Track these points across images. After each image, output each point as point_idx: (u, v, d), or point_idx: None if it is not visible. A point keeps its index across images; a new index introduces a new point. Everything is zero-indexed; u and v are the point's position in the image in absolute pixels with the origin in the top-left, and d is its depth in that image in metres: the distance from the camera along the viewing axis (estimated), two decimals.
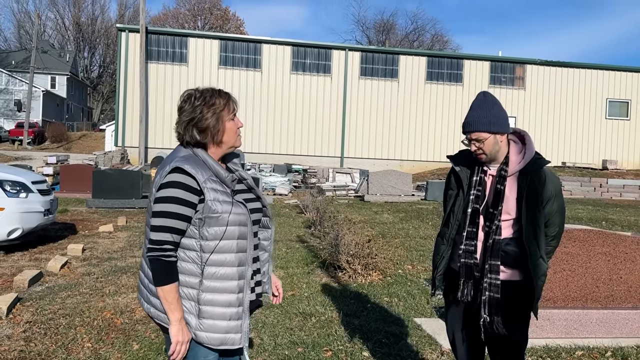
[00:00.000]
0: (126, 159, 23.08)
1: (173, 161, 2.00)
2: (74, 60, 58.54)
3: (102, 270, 6.46)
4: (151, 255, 1.97)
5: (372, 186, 16.59)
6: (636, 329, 4.47)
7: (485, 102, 2.50)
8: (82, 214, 11.62)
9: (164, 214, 1.96)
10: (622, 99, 27.02)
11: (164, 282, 1.95)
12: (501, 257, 2.44)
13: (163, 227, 1.95)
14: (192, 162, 1.99)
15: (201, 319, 2.01)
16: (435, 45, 59.90)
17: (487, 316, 2.45)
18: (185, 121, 2.04)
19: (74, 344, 4.05)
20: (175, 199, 1.95)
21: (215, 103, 2.05)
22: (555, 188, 2.47)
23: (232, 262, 2.03)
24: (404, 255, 7.77)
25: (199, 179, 1.97)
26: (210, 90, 2.08)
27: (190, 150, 2.07)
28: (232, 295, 2.03)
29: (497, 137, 2.46)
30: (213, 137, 2.05)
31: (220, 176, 2.03)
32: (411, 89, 25.72)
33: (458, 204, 2.57)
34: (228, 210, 2.00)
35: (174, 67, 24.27)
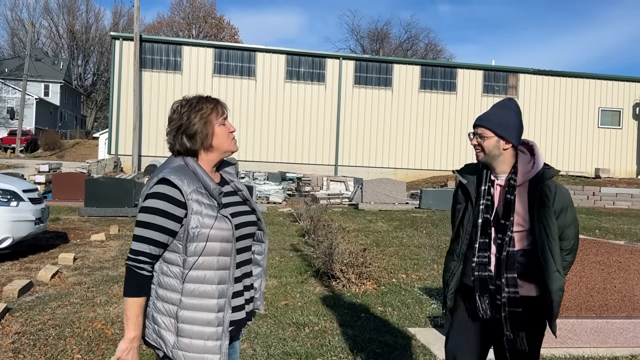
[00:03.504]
0: (119, 167, 22.97)
1: (162, 172, 1.96)
2: (68, 68, 58.44)
3: (93, 280, 6.39)
4: (127, 263, 1.92)
5: (366, 194, 16.58)
6: (630, 339, 4.46)
7: (505, 106, 2.46)
8: (74, 222, 11.53)
9: (146, 224, 1.91)
10: (614, 108, 27.23)
11: (130, 294, 1.90)
12: (518, 269, 2.36)
13: (142, 238, 1.90)
14: (180, 173, 1.95)
15: (179, 337, 1.92)
16: (428, 54, 60.25)
17: (509, 333, 2.36)
18: (174, 129, 2.01)
19: (63, 355, 3.99)
20: (159, 211, 1.90)
21: (202, 108, 2.01)
22: (567, 199, 2.41)
23: (212, 280, 1.94)
24: (398, 264, 7.74)
25: (184, 190, 1.91)
26: (197, 97, 2.05)
27: (182, 160, 2.02)
28: (211, 314, 1.95)
29: (501, 142, 2.40)
30: (202, 142, 2.01)
31: (208, 188, 1.97)
32: (405, 97, 25.80)
33: (467, 217, 2.50)
34: (209, 225, 1.93)
35: (168, 75, 24.25)
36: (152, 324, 1.96)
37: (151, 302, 1.96)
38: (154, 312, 1.95)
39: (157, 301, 1.95)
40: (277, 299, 5.72)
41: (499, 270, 2.38)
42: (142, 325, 1.98)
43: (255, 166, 23.50)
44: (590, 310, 4.51)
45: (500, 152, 2.41)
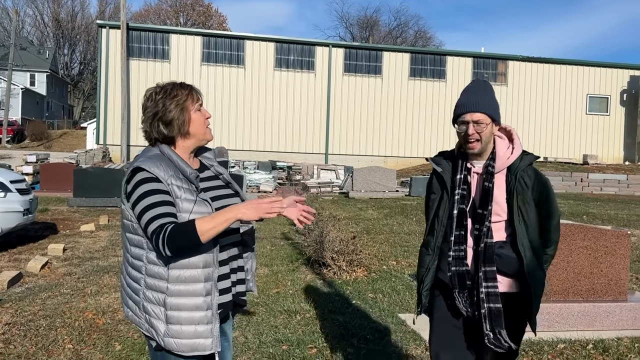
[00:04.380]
0: (108, 157, 22.80)
1: (136, 161, 1.94)
2: (54, 57, 57.63)
3: (83, 270, 6.37)
4: (162, 245, 1.83)
5: (357, 183, 16.61)
6: (616, 322, 4.54)
7: (485, 87, 2.31)
8: (63, 213, 11.45)
9: (146, 207, 1.88)
10: (602, 94, 27.40)
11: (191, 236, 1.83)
12: (497, 262, 2.22)
13: (154, 217, 1.86)
14: (155, 161, 1.94)
15: (169, 325, 1.92)
16: (418, 41, 60.14)
17: (489, 332, 2.21)
18: (150, 116, 1.99)
19: (54, 345, 3.98)
20: (149, 192, 1.89)
21: (177, 94, 1.99)
22: (547, 188, 2.27)
23: (196, 264, 1.94)
24: (388, 251, 7.79)
25: (161, 177, 1.91)
26: (171, 83, 2.03)
27: (157, 149, 2.01)
28: (199, 299, 1.95)
29: (494, 126, 2.28)
30: (180, 128, 1.99)
31: (184, 173, 1.96)
32: (395, 85, 25.78)
33: (443, 208, 2.33)
34: (189, 210, 1.92)
35: (156, 63, 24.02)
36: (144, 313, 1.96)
37: (141, 293, 1.96)
38: (144, 302, 1.95)
39: (146, 291, 1.95)
40: (268, 287, 5.74)
41: (476, 263, 2.23)
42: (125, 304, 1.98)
43: (245, 155, 23.42)
44: (578, 294, 4.58)
45: (491, 137, 2.29)
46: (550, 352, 4.00)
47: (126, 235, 2.02)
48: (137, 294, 1.97)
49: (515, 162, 2.26)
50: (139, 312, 1.97)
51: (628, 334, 4.42)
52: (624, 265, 4.64)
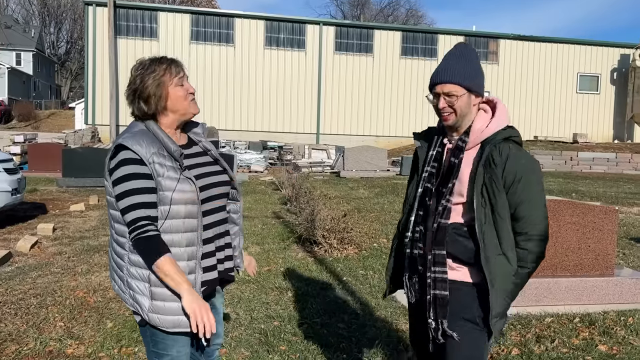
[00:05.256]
0: (97, 137, 22.59)
1: (119, 139, 1.91)
2: (40, 36, 56.60)
3: (73, 250, 6.35)
4: (132, 237, 1.87)
5: (348, 162, 16.61)
6: (603, 296, 4.61)
7: (465, 52, 2.04)
8: (52, 193, 11.37)
9: (126, 193, 1.87)
10: (592, 73, 27.44)
11: (154, 258, 1.85)
12: (450, 246, 1.98)
13: (131, 206, 1.86)
14: (138, 137, 1.90)
15: (153, 301, 1.92)
16: (409, 19, 59.66)
17: (432, 321, 2.01)
18: (131, 93, 1.96)
19: (45, 323, 3.99)
20: (130, 175, 1.87)
21: (154, 70, 1.96)
22: (524, 168, 1.92)
23: (179, 243, 1.93)
24: (379, 229, 7.82)
25: (142, 155, 1.87)
26: (150, 58, 2.00)
27: (143, 124, 1.98)
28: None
29: (472, 97, 2.00)
30: (156, 105, 1.95)
31: (169, 150, 1.93)
32: (386, 64, 25.63)
33: (412, 186, 2.17)
34: (172, 188, 1.90)
35: (144, 42, 23.67)
36: (128, 289, 1.96)
37: (125, 269, 1.95)
38: (129, 278, 1.95)
39: (130, 267, 1.94)
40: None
41: (430, 246, 2.02)
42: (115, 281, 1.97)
43: (235, 135, 23.30)
44: (565, 269, 4.64)
45: (470, 110, 2.01)
46: (537, 326, 4.06)
47: (110, 212, 2.00)
48: (121, 269, 1.97)
49: (491, 136, 1.97)
50: (124, 287, 1.97)
51: (614, 308, 4.50)
52: (611, 241, 4.70)
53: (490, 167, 1.93)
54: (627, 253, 6.63)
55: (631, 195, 12.49)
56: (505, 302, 1.97)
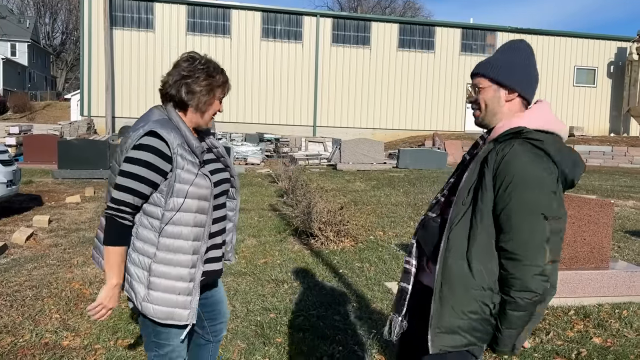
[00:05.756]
0: (93, 128, 22.49)
1: (147, 124, 1.94)
2: (35, 27, 56.16)
3: (69, 242, 6.34)
4: (108, 212, 1.93)
5: (345, 155, 16.60)
6: (598, 289, 4.63)
7: (510, 47, 1.83)
8: (48, 185, 11.33)
9: (131, 175, 1.91)
10: (589, 66, 27.44)
11: (113, 242, 1.92)
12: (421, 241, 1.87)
13: (126, 188, 1.90)
14: (167, 127, 1.95)
15: (149, 290, 1.95)
16: (407, 12, 59.43)
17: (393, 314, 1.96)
18: (179, 76, 2.00)
19: (41, 315, 3.98)
20: (144, 163, 1.91)
21: (215, 76, 2.04)
22: (516, 172, 1.64)
23: (187, 236, 1.97)
24: (375, 221, 7.83)
25: (171, 143, 1.92)
26: (215, 64, 2.07)
27: (165, 113, 2.02)
28: (184, 270, 1.98)
29: (502, 92, 1.79)
30: (198, 104, 2.02)
31: (191, 145, 1.98)
32: (383, 56, 25.56)
33: None
34: (189, 182, 1.95)
35: (140, 33, 23.52)
36: (127, 274, 1.98)
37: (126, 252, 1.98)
38: (128, 263, 1.98)
39: (132, 252, 1.97)
40: (256, 257, 5.76)
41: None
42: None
43: (232, 127, 23.24)
44: (561, 262, 4.64)
45: (501, 107, 1.79)
46: None
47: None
48: None
49: (504, 133, 1.74)
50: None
51: (609, 301, 4.52)
52: (606, 234, 4.72)
53: (483, 166, 1.72)
54: (622, 246, 6.66)
55: (627, 189, 12.53)
56: (461, 318, 1.70)
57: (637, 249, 6.55)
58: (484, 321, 1.72)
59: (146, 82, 23.42)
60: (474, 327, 1.71)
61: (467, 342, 1.73)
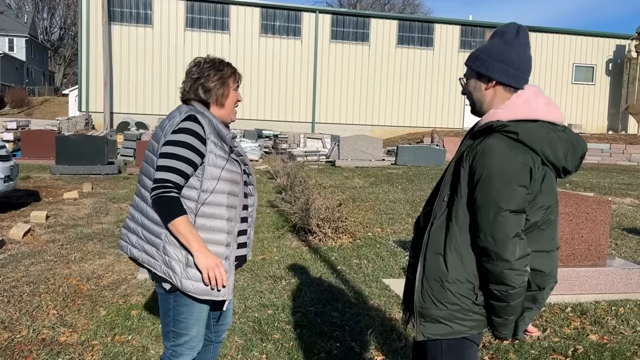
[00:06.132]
0: (91, 124, 22.44)
1: (183, 112, 2.10)
2: (33, 22, 55.97)
3: (67, 237, 6.33)
4: (155, 194, 2.02)
5: (343, 151, 16.59)
6: (595, 286, 4.64)
7: (494, 33, 1.79)
8: (46, 180, 11.31)
9: (173, 155, 2.04)
10: (588, 64, 27.44)
11: (173, 216, 2.00)
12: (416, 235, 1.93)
13: (169, 168, 2.03)
14: (202, 114, 2.13)
15: (188, 268, 2.06)
16: (406, 8, 59.34)
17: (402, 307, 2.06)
18: (192, 79, 2.18)
19: (38, 311, 3.98)
20: (185, 144, 2.05)
21: (223, 69, 2.21)
22: (487, 167, 1.64)
23: (221, 216, 2.12)
24: (373, 218, 7.83)
25: (205, 128, 2.09)
26: (219, 59, 2.24)
27: (197, 107, 2.17)
28: (220, 248, 2.12)
29: (481, 83, 1.78)
30: (217, 98, 2.19)
31: (221, 133, 2.14)
32: (382, 53, 25.53)
33: None
34: (221, 166, 2.10)
35: (139, 28, 23.45)
36: (163, 255, 2.08)
37: (163, 235, 2.06)
38: (166, 244, 2.07)
39: (169, 234, 2.07)
40: (254, 253, 5.76)
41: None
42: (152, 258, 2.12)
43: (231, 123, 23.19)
44: (558, 259, 4.65)
45: (482, 96, 1.79)
46: None
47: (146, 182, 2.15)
48: (158, 236, 2.08)
49: (483, 127, 1.73)
50: (157, 254, 2.08)
51: (606, 298, 4.53)
52: (604, 231, 4.73)
53: (459, 164, 1.74)
54: (619, 243, 6.68)
55: (624, 186, 12.55)
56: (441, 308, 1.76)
57: (634, 247, 6.56)
58: (466, 311, 1.75)
59: (144, 77, 23.37)
60: (456, 316, 1.76)
61: (452, 331, 1.77)
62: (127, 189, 10.45)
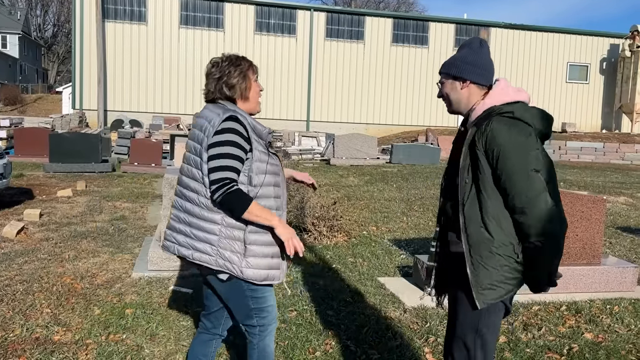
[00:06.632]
0: (85, 122, 22.32)
1: (223, 112, 2.20)
2: (26, 19, 55.59)
3: (61, 236, 6.29)
4: (219, 194, 2.13)
5: (338, 150, 16.58)
6: (589, 284, 4.66)
7: (462, 45, 2.20)
8: (39, 178, 11.24)
9: (223, 155, 2.15)
10: (582, 63, 27.55)
11: (244, 206, 2.13)
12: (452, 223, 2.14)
13: (223, 167, 2.14)
14: (240, 113, 2.24)
15: (247, 257, 2.22)
16: (401, 7, 59.36)
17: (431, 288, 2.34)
18: (215, 79, 2.29)
19: (32, 309, 3.95)
20: (232, 142, 2.16)
21: (240, 64, 2.31)
22: (506, 141, 1.93)
23: (270, 207, 2.26)
24: (368, 217, 7.83)
25: (247, 126, 2.21)
26: (234, 55, 2.34)
27: (229, 105, 2.27)
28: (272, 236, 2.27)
29: (457, 84, 2.12)
30: (242, 93, 2.31)
31: (257, 130, 2.26)
32: (377, 51, 25.53)
33: None
34: (265, 160, 2.24)
35: (133, 26, 23.34)
36: (220, 249, 2.22)
37: (218, 230, 2.21)
38: (223, 239, 2.22)
39: (225, 229, 2.22)
40: None
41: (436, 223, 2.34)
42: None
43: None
44: None
45: (460, 95, 2.13)
46: (525, 314, 4.10)
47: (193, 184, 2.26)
48: (212, 233, 2.22)
49: (480, 115, 2.06)
50: (211, 249, 2.22)
51: (600, 296, 4.55)
52: (598, 230, 4.74)
53: (473, 147, 2.02)
54: (613, 242, 6.71)
55: (618, 185, 12.61)
56: (493, 273, 2.00)
57: (628, 245, 6.59)
58: (512, 270, 2.02)
59: (139, 75, 23.27)
60: (506, 277, 2.02)
61: (505, 292, 2.04)
62: (121, 186, 10.41)
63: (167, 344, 3.46)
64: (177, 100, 23.68)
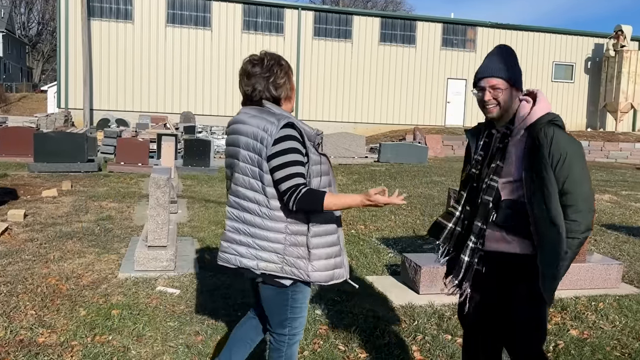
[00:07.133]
0: (70, 121, 22.09)
1: (277, 119, 2.20)
2: (10, 17, 54.90)
3: (45, 236, 6.21)
4: (292, 201, 2.16)
5: (326, 148, 16.59)
6: (575, 281, 4.71)
7: (504, 52, 2.30)
8: (24, 178, 11.10)
9: (287, 163, 2.18)
10: (567, 62, 27.83)
11: (320, 202, 2.17)
12: (504, 220, 2.24)
13: (290, 175, 2.17)
14: (294, 120, 2.25)
15: (312, 261, 2.27)
16: (388, 6, 59.52)
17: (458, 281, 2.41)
18: (263, 78, 2.29)
19: (16, 311, 3.89)
20: (293, 149, 2.20)
21: (282, 64, 2.34)
22: (568, 148, 2.14)
23: None
24: (356, 215, 7.84)
25: (303, 132, 2.24)
26: (275, 53, 2.36)
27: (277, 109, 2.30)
28: (334, 236, 2.34)
29: (514, 91, 2.26)
30: (287, 93, 2.35)
31: (307, 132, 2.28)
32: (365, 50, 25.57)
33: (464, 174, 2.47)
34: (318, 162, 2.28)
35: (119, 24, 23.13)
36: (286, 256, 2.26)
37: (283, 239, 2.24)
38: (289, 246, 2.26)
39: (290, 236, 2.26)
40: None
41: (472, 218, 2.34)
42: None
43: (213, 120, 23.05)
44: None
45: (513, 103, 2.27)
46: None
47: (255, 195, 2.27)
48: (278, 242, 2.25)
49: (535, 121, 2.20)
50: (277, 258, 2.25)
51: (585, 293, 4.60)
52: None
53: (537, 148, 2.15)
54: (598, 239, 6.78)
55: (603, 183, 12.76)
56: (557, 268, 2.15)
57: (613, 242, 6.67)
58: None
59: (125, 74, 23.08)
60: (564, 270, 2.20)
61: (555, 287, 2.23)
62: (107, 186, 10.31)
63: (154, 345, 3.43)
64: (164, 100, 23.52)
